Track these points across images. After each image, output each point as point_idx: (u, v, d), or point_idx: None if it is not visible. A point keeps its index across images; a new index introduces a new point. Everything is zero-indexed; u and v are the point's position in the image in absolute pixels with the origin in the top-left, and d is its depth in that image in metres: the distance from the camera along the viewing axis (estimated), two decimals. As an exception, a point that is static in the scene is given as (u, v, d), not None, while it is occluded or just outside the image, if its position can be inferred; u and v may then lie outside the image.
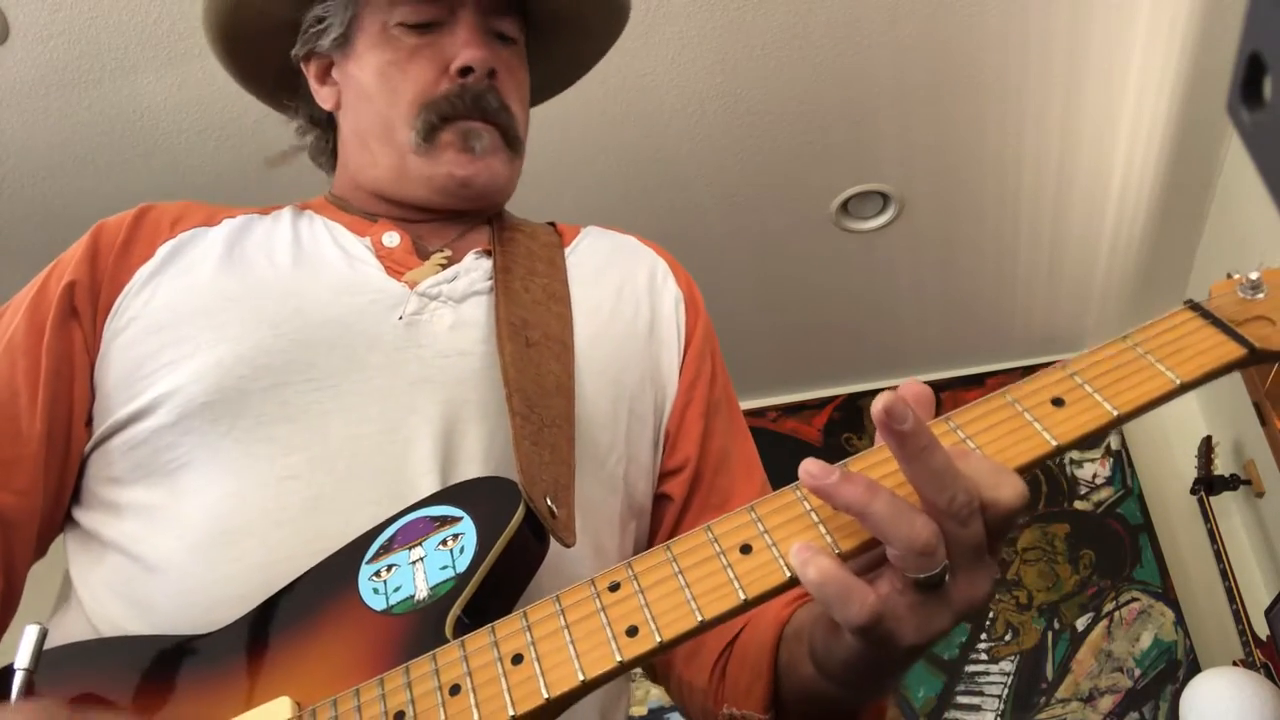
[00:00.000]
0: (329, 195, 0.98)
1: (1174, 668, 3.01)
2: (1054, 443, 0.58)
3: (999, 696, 3.09)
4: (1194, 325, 0.62)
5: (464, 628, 0.63)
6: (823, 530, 0.57)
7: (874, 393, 3.86)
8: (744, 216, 2.82)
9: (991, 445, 0.58)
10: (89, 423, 0.81)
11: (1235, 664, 2.71)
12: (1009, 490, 0.55)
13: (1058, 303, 3.26)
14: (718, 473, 0.90)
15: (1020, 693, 3.08)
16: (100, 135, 2.38)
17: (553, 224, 1.01)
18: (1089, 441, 0.59)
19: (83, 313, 0.82)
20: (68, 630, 0.75)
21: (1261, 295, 0.64)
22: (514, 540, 0.67)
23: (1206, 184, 2.81)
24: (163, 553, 0.73)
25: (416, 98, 0.88)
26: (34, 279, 0.87)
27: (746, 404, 3.54)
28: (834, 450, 3.47)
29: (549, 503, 0.71)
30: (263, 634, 0.67)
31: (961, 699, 3.11)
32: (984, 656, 3.15)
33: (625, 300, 0.92)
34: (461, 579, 0.65)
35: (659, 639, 0.56)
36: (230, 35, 0.97)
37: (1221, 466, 3.06)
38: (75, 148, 2.40)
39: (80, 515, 0.81)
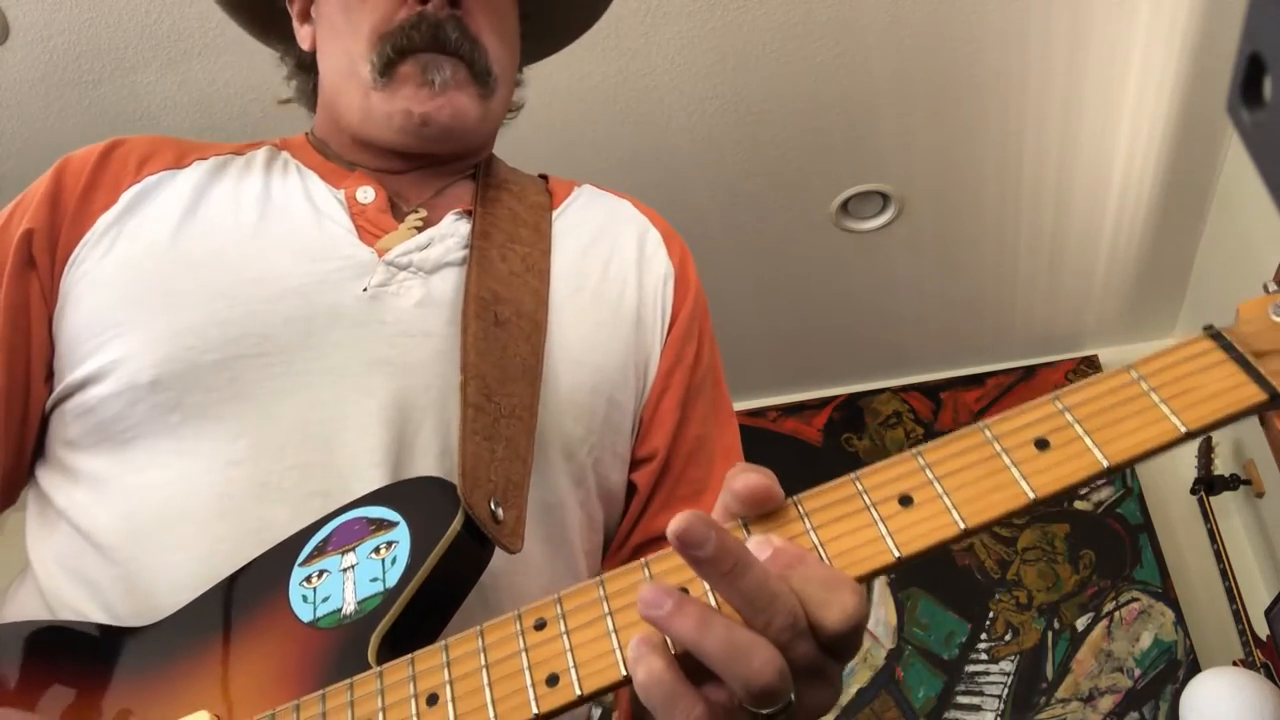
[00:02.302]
0: (310, 134, 0.93)
1: (1174, 668, 3.01)
2: (1031, 495, 0.51)
3: (999, 696, 3.09)
4: (1212, 359, 0.53)
5: (393, 644, 0.61)
6: None
7: (874, 393, 3.86)
8: (744, 216, 2.82)
9: (959, 493, 0.52)
10: (49, 377, 0.78)
11: (1235, 664, 2.71)
12: (837, 612, 0.48)
13: (1058, 302, 3.26)
14: (690, 463, 0.86)
15: (1020, 693, 3.08)
16: (100, 135, 2.36)
17: (545, 177, 0.95)
18: (1072, 493, 0.52)
19: (40, 263, 0.79)
20: (20, 604, 0.73)
21: None
22: (451, 549, 0.63)
23: (1206, 184, 2.81)
24: (107, 530, 0.71)
25: (374, 29, 0.83)
26: None
27: (746, 404, 3.53)
28: (834, 450, 3.47)
29: (493, 506, 0.67)
30: (190, 636, 0.65)
31: (961, 699, 3.11)
32: (984, 656, 3.15)
33: (611, 279, 0.87)
34: (389, 596, 0.62)
35: (578, 691, 0.51)
36: None
37: (1221, 466, 3.06)
38: (75, 148, 2.40)
39: (41, 475, 0.78)
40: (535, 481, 0.74)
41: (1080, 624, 3.13)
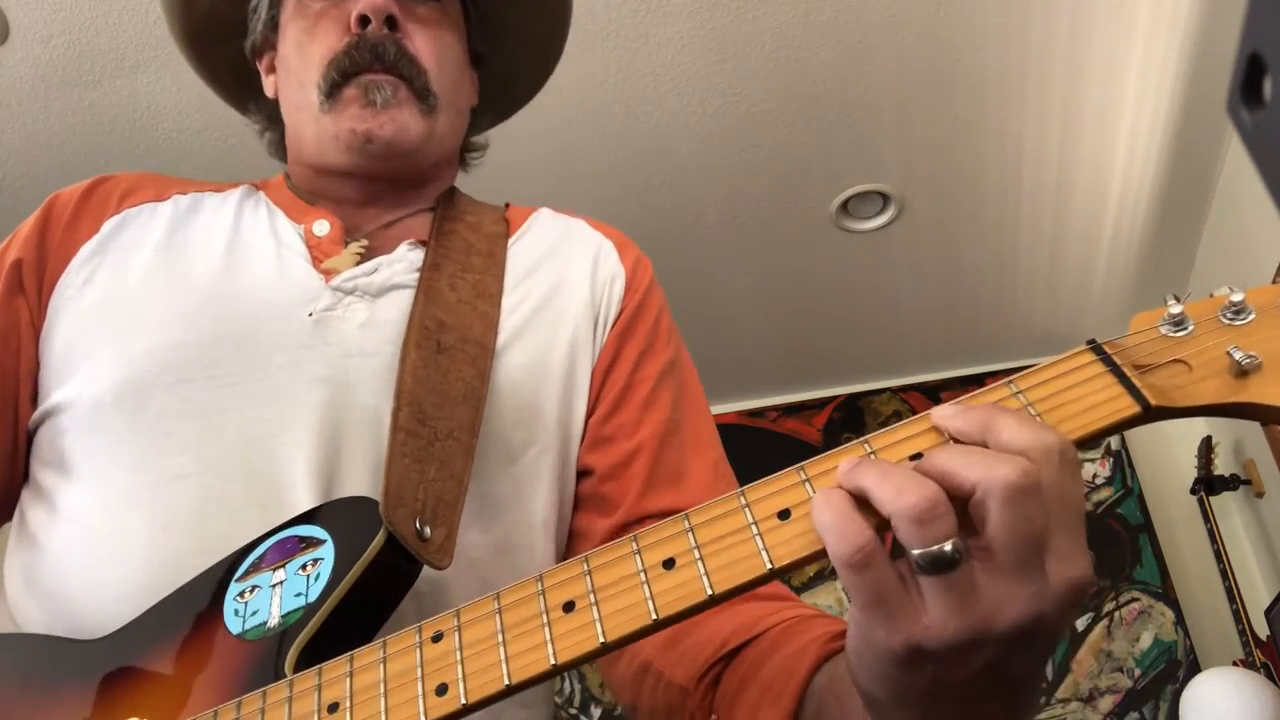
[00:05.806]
0: (285, 174, 0.98)
1: (1174, 668, 3.01)
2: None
3: (999, 696, 3.08)
4: (1090, 371, 0.53)
5: (322, 653, 0.62)
6: (647, 593, 0.53)
7: (874, 393, 3.85)
8: (744, 216, 2.82)
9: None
10: (34, 395, 0.82)
11: (1235, 664, 2.71)
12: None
13: (1058, 303, 3.26)
14: (665, 445, 0.85)
15: (1020, 693, 3.07)
16: (100, 135, 2.38)
17: (507, 205, 0.98)
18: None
19: (29, 290, 0.84)
20: None
21: (1184, 333, 0.55)
22: (375, 565, 0.66)
23: (1206, 184, 2.81)
24: (60, 543, 0.75)
25: (322, 58, 0.88)
26: None
27: (746, 404, 3.54)
28: (834, 450, 3.46)
29: (419, 525, 0.69)
30: (131, 649, 0.68)
31: (961, 699, 3.10)
32: (984, 656, 3.15)
33: (561, 292, 0.89)
34: (310, 609, 0.65)
35: (463, 701, 0.54)
36: (192, 40, 1.00)
37: (1221, 466, 3.06)
38: (75, 148, 2.40)
39: (24, 493, 0.82)
40: (477, 491, 0.77)
41: (1080, 624, 3.13)
